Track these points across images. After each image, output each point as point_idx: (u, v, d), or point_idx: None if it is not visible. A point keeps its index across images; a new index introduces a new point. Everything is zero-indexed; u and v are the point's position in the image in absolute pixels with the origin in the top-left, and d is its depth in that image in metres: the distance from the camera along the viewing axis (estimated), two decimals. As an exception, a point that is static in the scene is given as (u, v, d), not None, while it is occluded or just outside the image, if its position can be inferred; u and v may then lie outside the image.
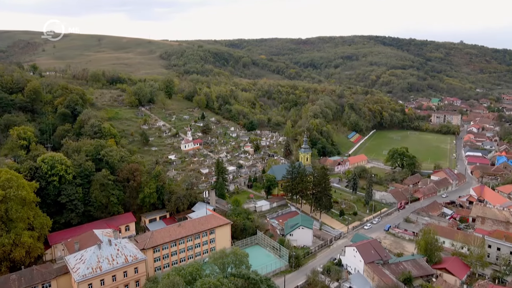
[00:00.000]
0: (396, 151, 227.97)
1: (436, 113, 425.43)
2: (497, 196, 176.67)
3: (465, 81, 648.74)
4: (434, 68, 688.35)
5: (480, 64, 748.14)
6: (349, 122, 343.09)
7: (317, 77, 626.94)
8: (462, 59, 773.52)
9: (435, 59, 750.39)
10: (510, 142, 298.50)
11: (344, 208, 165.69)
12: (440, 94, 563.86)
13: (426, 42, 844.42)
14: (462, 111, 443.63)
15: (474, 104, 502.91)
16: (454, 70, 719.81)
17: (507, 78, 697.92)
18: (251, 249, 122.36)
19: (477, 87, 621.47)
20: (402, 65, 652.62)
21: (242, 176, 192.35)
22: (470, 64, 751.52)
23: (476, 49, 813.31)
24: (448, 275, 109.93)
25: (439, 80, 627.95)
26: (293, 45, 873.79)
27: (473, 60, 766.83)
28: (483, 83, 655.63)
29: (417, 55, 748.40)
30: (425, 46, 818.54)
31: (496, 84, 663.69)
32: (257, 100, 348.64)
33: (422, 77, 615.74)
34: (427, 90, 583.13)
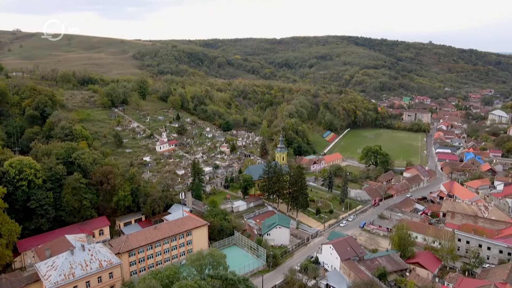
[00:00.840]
0: (370, 149, 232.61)
1: (407, 111, 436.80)
2: (465, 191, 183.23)
3: (434, 80, 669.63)
4: (405, 68, 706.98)
5: (448, 64, 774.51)
6: (324, 121, 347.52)
7: (292, 77, 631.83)
8: (431, 59, 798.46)
9: (406, 59, 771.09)
10: (477, 139, 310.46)
11: (320, 206, 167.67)
12: (411, 93, 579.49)
13: (397, 42, 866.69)
14: (432, 110, 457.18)
15: (443, 103, 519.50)
16: (424, 69, 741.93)
17: (473, 77, 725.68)
18: (228, 250, 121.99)
19: (446, 86, 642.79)
20: (375, 65, 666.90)
21: (219, 176, 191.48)
22: (438, 64, 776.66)
23: (444, 49, 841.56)
24: (421, 269, 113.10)
25: (410, 80, 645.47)
26: (268, 45, 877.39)
27: (442, 60, 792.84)
28: (451, 82, 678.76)
29: (389, 55, 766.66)
30: (396, 46, 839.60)
31: (463, 83, 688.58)
32: (232, 100, 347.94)
33: (393, 77, 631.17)
34: (399, 89, 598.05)
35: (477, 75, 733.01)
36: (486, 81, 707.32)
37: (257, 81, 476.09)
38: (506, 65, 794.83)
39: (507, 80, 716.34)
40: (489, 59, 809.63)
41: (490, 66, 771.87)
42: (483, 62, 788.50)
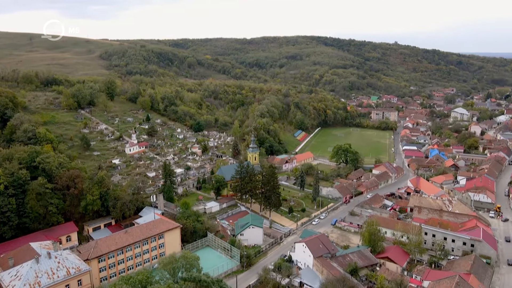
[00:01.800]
0: (340, 148, 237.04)
1: (375, 110, 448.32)
2: (431, 186, 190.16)
3: (400, 80, 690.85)
4: (373, 68, 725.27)
5: (413, 64, 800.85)
6: (295, 121, 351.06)
7: (263, 76, 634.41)
8: (397, 58, 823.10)
9: (373, 59, 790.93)
10: (441, 135, 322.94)
11: (293, 205, 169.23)
12: (378, 92, 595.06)
13: (365, 42, 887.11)
14: (399, 108, 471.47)
15: (409, 101, 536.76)
16: (390, 69, 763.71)
17: (437, 76, 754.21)
18: (202, 252, 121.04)
19: (411, 85, 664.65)
20: (343, 65, 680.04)
21: (191, 178, 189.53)
22: (404, 64, 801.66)
23: (409, 50, 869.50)
24: (390, 263, 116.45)
25: (377, 79, 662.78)
26: (238, 45, 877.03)
27: (407, 59, 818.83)
28: (416, 81, 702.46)
29: (357, 55, 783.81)
30: (363, 47, 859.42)
31: (427, 82, 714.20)
32: (203, 100, 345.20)
33: (362, 76, 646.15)
34: (367, 89, 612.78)
35: (440, 75, 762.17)
36: (448, 80, 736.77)
37: (228, 81, 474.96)
38: (466, 65, 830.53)
39: (467, 79, 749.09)
40: (450, 59, 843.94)
41: (451, 65, 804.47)
42: (445, 62, 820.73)
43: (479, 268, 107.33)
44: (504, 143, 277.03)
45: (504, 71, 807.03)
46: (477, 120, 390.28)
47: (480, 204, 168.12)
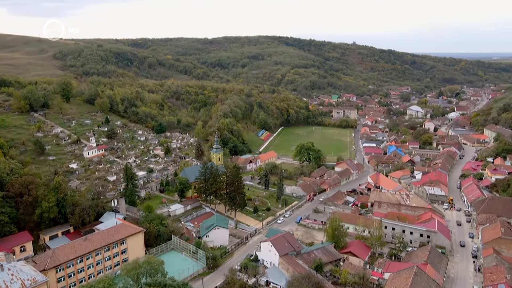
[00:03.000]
0: (303, 146, 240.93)
1: (336, 108, 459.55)
2: (390, 181, 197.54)
3: (359, 79, 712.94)
4: (333, 67, 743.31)
5: (371, 63, 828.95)
6: (258, 120, 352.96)
7: (225, 76, 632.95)
8: (356, 58, 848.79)
9: (333, 59, 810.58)
10: (398, 132, 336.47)
11: (258, 204, 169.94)
12: (338, 91, 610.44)
13: (324, 42, 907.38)
14: (358, 106, 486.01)
15: (368, 100, 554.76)
16: (349, 68, 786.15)
17: (393, 75, 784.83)
18: (166, 256, 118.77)
19: (369, 84, 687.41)
20: (305, 64, 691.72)
21: (154, 180, 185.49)
22: (362, 63, 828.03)
23: (366, 50, 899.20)
24: (353, 257, 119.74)
25: (337, 78, 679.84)
26: (200, 45, 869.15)
27: (365, 59, 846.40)
28: (374, 80, 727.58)
29: (317, 55, 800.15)
30: (323, 47, 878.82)
31: (384, 81, 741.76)
32: (165, 101, 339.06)
33: (322, 76, 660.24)
34: (328, 88, 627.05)
35: (396, 74, 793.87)
36: (403, 79, 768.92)
37: (190, 81, 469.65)
38: (420, 65, 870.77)
39: (421, 78, 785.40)
40: (405, 59, 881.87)
41: (406, 65, 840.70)
42: (401, 62, 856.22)
43: (435, 258, 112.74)
44: (455, 139, 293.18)
45: (454, 70, 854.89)
46: (431, 117, 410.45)
47: (435, 197, 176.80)
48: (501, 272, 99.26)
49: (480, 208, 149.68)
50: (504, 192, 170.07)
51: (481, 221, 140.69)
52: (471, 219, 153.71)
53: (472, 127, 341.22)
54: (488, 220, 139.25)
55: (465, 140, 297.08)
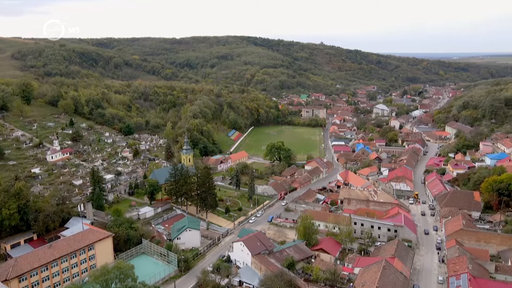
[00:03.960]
0: (274, 146, 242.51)
1: (305, 108, 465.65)
2: (358, 178, 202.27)
3: (327, 78, 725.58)
4: (301, 67, 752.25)
5: (338, 63, 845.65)
6: (229, 121, 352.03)
7: (194, 77, 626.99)
8: (323, 58, 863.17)
9: (301, 59, 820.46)
10: (365, 130, 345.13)
11: (229, 205, 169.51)
12: (307, 91, 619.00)
13: (293, 43, 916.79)
14: (327, 105, 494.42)
15: (336, 99, 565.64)
16: (318, 68, 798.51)
17: (359, 75, 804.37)
18: (137, 260, 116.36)
19: (337, 84, 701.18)
20: (274, 64, 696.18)
21: (122, 183, 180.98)
22: (330, 63, 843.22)
23: (334, 50, 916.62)
24: (325, 254, 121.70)
25: (306, 78, 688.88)
26: (168, 45, 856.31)
27: (332, 59, 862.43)
28: (342, 80, 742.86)
29: (286, 55, 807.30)
30: (292, 47, 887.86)
31: (352, 80, 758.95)
32: (132, 102, 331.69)
33: (291, 75, 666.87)
34: (297, 87, 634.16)
35: (362, 73, 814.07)
36: (370, 78, 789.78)
37: (158, 82, 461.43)
38: (385, 64, 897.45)
39: (386, 77, 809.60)
40: (371, 58, 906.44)
41: (372, 65, 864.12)
42: (367, 62, 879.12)
43: (402, 251, 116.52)
44: (419, 136, 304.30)
45: (417, 70, 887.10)
46: (396, 115, 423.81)
47: (401, 192, 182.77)
48: (463, 263, 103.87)
49: (443, 202, 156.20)
50: (465, 186, 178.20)
51: (444, 214, 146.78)
52: (435, 213, 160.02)
53: (435, 124, 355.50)
54: (451, 213, 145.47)
55: (428, 137, 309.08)
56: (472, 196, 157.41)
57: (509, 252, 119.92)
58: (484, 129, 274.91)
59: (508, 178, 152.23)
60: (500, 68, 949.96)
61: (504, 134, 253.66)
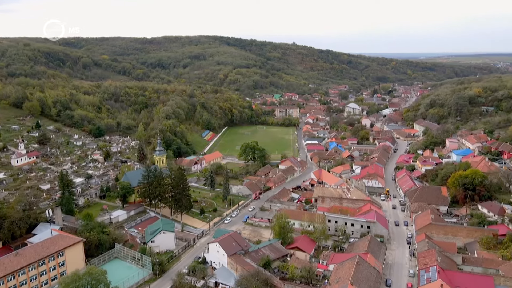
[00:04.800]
0: (248, 146, 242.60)
1: (279, 107, 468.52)
2: (331, 176, 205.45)
3: (300, 78, 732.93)
4: (274, 67, 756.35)
5: (310, 63, 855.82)
6: (202, 121, 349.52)
7: (167, 77, 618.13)
8: (296, 58, 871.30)
9: (274, 59, 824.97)
10: (338, 129, 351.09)
11: (204, 206, 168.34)
12: (281, 90, 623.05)
13: (265, 43, 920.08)
14: (300, 105, 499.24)
15: (309, 98, 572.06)
16: (290, 68, 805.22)
17: (331, 74, 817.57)
18: (110, 265, 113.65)
19: (310, 83, 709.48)
20: (247, 64, 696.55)
21: (93, 187, 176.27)
22: (302, 63, 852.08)
23: (306, 50, 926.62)
24: (300, 252, 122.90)
25: (279, 78, 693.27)
26: (139, 44, 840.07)
27: (305, 59, 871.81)
28: (314, 79, 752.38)
29: (259, 55, 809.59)
30: (264, 47, 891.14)
31: (324, 80, 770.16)
32: (103, 103, 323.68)
33: (264, 75, 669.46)
34: (270, 87, 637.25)
35: (334, 73, 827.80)
36: (341, 78, 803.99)
37: (129, 82, 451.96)
38: (355, 64, 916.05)
39: (357, 77, 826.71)
40: (342, 58, 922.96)
41: (343, 64, 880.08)
42: (338, 61, 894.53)
43: (374, 246, 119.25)
44: (389, 134, 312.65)
45: (386, 69, 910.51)
46: (367, 113, 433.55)
47: (373, 189, 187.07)
48: (432, 256, 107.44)
49: (413, 197, 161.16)
50: (433, 181, 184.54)
51: (414, 209, 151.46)
52: (405, 208, 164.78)
53: (404, 122, 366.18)
54: (420, 208, 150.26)
55: (398, 135, 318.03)
56: (440, 191, 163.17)
57: (475, 244, 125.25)
58: (450, 127, 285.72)
59: (472, 173, 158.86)
60: (464, 67, 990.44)
61: (468, 131, 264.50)
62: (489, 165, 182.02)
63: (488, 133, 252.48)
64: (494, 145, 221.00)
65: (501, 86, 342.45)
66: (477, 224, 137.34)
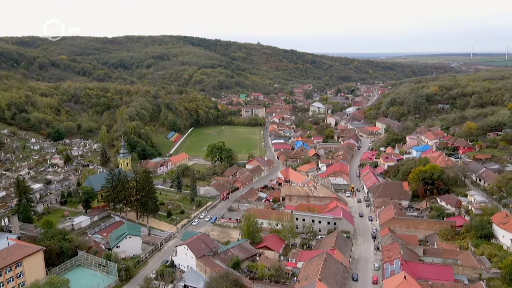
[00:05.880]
0: (214, 146, 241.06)
1: (245, 107, 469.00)
2: (298, 175, 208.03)
3: (265, 78, 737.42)
4: (239, 67, 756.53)
5: (275, 63, 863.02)
6: (167, 122, 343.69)
7: (129, 78, 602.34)
8: (261, 58, 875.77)
9: (239, 59, 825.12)
10: (303, 128, 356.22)
11: (171, 208, 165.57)
12: (246, 90, 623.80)
13: (230, 43, 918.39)
14: (265, 105, 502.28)
15: (274, 98, 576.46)
16: (255, 68, 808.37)
17: (296, 74, 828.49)
18: (72, 273, 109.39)
19: (275, 83, 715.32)
20: (212, 64, 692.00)
21: (53, 193, 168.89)
22: (267, 63, 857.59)
23: (270, 50, 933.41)
24: (269, 251, 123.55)
25: (244, 78, 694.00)
26: (99, 44, 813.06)
27: (269, 59, 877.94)
28: (279, 79, 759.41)
29: (223, 55, 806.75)
30: (229, 47, 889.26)
31: (289, 79, 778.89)
32: (62, 105, 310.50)
33: (230, 75, 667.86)
34: (235, 87, 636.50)
35: (299, 73, 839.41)
36: (306, 77, 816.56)
37: (90, 83, 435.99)
38: (319, 64, 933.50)
39: (321, 76, 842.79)
40: (306, 58, 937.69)
41: (308, 64, 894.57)
42: (302, 61, 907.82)
43: (341, 242, 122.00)
44: (353, 132, 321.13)
45: (348, 69, 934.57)
46: (331, 112, 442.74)
47: (339, 186, 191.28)
48: (396, 249, 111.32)
49: (376, 193, 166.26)
50: (395, 177, 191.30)
51: (378, 205, 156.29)
52: (370, 204, 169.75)
53: (366, 120, 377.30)
54: (383, 203, 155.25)
55: (361, 133, 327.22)
56: (401, 186, 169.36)
57: (435, 236, 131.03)
58: (410, 124, 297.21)
59: (431, 168, 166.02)
60: (421, 67, 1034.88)
61: (426, 128, 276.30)
62: (446, 160, 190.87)
63: (444, 129, 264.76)
64: (450, 141, 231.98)
65: (455, 84, 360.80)
66: (436, 216, 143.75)
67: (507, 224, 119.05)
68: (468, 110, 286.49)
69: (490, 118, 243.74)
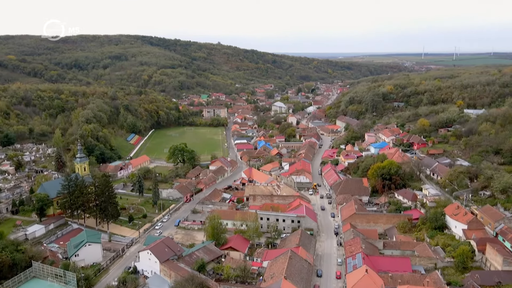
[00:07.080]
0: (176, 148, 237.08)
1: (206, 108, 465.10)
2: (262, 175, 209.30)
3: (226, 78, 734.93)
4: (200, 67, 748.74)
5: (236, 63, 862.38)
6: (127, 124, 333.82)
7: (85, 79, 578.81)
8: (222, 58, 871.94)
9: (200, 59, 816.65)
10: (266, 128, 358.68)
11: (133, 212, 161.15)
12: (208, 90, 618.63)
13: (190, 42, 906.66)
14: (227, 105, 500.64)
15: (236, 98, 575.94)
16: (216, 68, 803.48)
17: (257, 74, 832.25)
18: (27, 286, 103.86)
19: (236, 83, 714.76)
20: (172, 65, 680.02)
21: (3, 201, 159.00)
22: (228, 63, 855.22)
23: (231, 50, 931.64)
24: (234, 251, 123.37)
25: (205, 78, 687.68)
26: (51, 44, 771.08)
27: (230, 59, 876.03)
28: (240, 79, 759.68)
29: (184, 55, 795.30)
30: (189, 47, 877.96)
31: (250, 79, 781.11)
32: (11, 108, 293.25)
33: (190, 76, 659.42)
34: (196, 88, 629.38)
35: (260, 72, 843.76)
36: (267, 77, 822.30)
37: (42, 85, 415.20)
38: (280, 63, 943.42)
39: (282, 76, 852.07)
40: (267, 58, 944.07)
41: (268, 64, 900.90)
42: (263, 61, 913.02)
43: (305, 240, 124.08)
44: (314, 130, 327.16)
45: (308, 69, 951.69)
46: (293, 111, 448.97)
47: (302, 184, 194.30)
48: (357, 243, 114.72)
49: (338, 190, 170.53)
50: (355, 173, 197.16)
51: (340, 201, 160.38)
52: (332, 201, 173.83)
53: (327, 119, 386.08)
54: (345, 199, 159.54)
55: (322, 131, 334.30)
56: (361, 182, 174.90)
57: (393, 229, 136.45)
58: (368, 122, 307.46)
59: (389, 164, 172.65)
60: (377, 66, 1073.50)
61: (383, 125, 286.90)
62: (402, 156, 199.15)
63: (400, 126, 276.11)
64: (405, 137, 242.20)
65: (409, 83, 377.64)
66: (395, 210, 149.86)
67: (458, 215, 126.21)
68: (421, 108, 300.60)
69: (441, 115, 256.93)
